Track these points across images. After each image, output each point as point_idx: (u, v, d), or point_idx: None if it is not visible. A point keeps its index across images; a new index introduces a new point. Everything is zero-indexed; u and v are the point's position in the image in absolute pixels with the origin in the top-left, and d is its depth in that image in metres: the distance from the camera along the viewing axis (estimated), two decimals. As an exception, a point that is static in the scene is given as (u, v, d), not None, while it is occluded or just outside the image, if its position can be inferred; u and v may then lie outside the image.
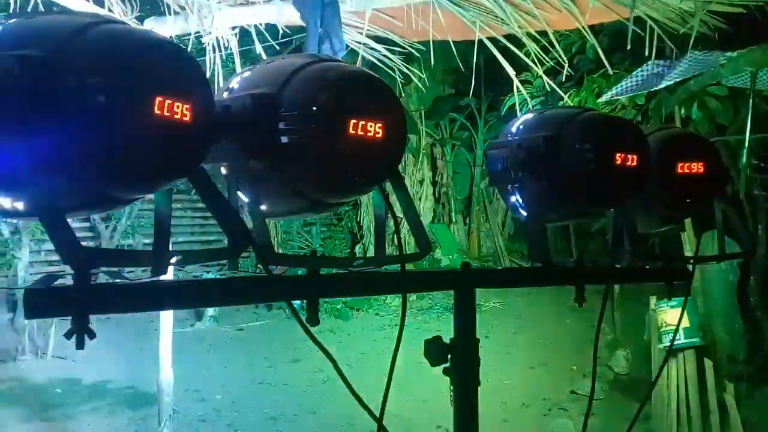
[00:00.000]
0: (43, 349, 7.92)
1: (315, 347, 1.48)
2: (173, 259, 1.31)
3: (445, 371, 1.74)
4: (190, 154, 1.24)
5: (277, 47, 4.40)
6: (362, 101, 1.44)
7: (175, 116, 1.17)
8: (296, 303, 1.57)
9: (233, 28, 4.04)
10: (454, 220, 13.60)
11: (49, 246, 10.11)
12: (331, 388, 7.10)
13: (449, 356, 1.73)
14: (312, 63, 1.47)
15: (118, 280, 1.32)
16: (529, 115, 1.96)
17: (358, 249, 12.71)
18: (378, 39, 4.30)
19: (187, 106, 1.18)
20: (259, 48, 4.06)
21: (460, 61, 4.31)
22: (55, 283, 1.24)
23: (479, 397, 1.72)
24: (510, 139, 1.88)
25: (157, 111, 1.14)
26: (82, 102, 1.07)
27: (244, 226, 1.35)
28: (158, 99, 1.14)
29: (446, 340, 1.71)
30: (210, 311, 9.68)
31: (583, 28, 3.65)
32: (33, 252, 9.76)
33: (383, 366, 1.56)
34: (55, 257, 10.42)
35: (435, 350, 1.73)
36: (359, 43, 3.84)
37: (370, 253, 2.31)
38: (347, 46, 3.32)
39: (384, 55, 4.16)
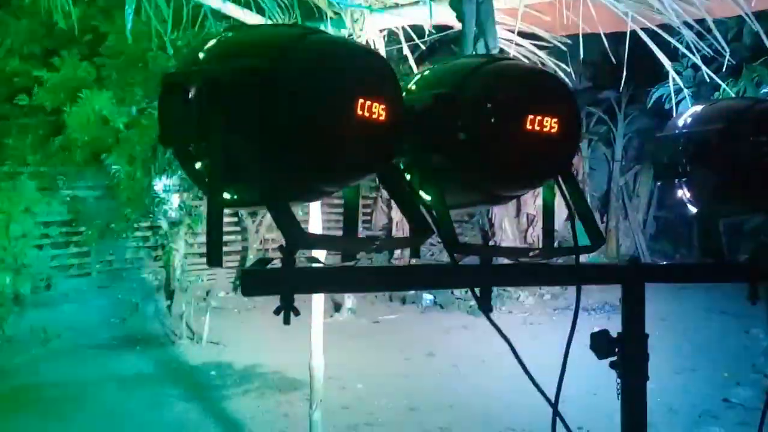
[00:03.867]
0: (199, 335, 8.56)
1: (448, 342, 1.54)
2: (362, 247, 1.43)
3: (612, 365, 1.75)
4: (385, 150, 1.35)
5: (422, 46, 4.50)
6: (538, 98, 1.49)
7: (373, 116, 1.28)
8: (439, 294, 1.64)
9: (381, 30, 4.20)
10: (590, 218, 13.17)
11: (201, 240, 10.90)
12: (467, 383, 7.17)
13: (616, 350, 1.73)
14: (489, 62, 1.54)
15: (316, 264, 1.45)
16: (699, 107, 1.91)
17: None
18: (522, 34, 4.30)
19: (383, 106, 1.29)
20: (406, 49, 4.19)
21: (599, 53, 4.22)
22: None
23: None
24: (678, 131, 1.85)
25: (359, 111, 1.26)
26: (299, 105, 1.21)
27: (427, 217, 1.45)
28: (360, 100, 1.26)
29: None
30: (348, 303, 10.04)
31: (747, 15, 3.46)
32: (188, 244, 10.57)
33: (515, 364, 1.59)
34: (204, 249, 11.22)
35: (601, 343, 1.73)
36: (508, 40, 3.87)
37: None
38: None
39: (531, 51, 4.16)
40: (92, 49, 8.79)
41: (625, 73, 3.96)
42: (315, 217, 4.44)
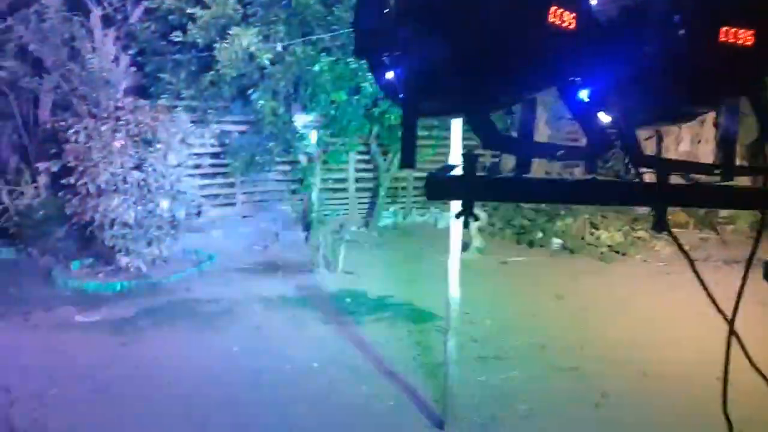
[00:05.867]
0: (334, 265, 8.98)
1: (578, 286, 1.56)
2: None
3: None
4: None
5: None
6: (732, 9, 1.44)
7: (563, 24, 1.30)
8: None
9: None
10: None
11: (335, 175, 11.27)
12: (597, 326, 7.09)
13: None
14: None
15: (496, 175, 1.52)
16: None
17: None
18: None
19: (573, 15, 1.31)
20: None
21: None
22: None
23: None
24: None
25: (551, 19, 1.28)
26: (490, 20, 1.25)
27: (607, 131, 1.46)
28: (553, 8, 1.28)
29: None
30: (476, 243, 10.10)
31: None
32: (323, 180, 10.98)
33: (647, 308, 1.57)
34: (339, 184, 11.60)
35: (776, 271, 1.69)
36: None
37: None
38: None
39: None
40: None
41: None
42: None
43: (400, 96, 1.41)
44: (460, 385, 4.97)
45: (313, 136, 10.27)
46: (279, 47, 8.81)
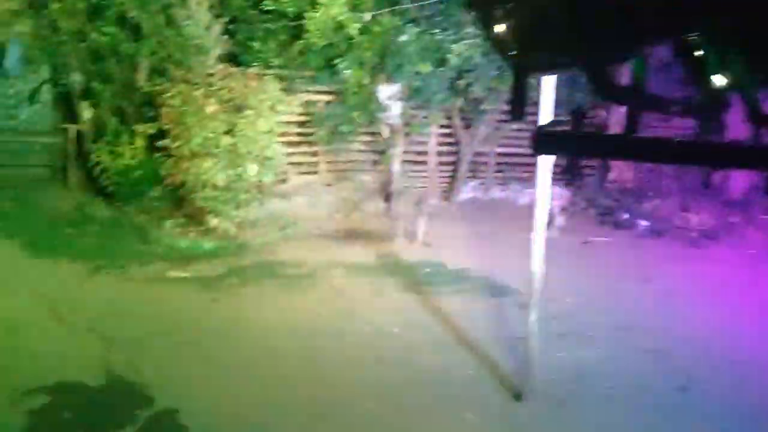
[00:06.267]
0: (414, 236, 9.04)
1: (665, 270, 1.51)
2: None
3: None
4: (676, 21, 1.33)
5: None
6: None
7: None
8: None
9: None
10: None
11: (416, 147, 11.28)
12: (685, 310, 6.88)
13: None
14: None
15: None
16: None
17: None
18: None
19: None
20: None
21: None
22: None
23: None
24: None
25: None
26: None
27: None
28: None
29: None
30: (559, 221, 9.93)
31: None
32: (404, 152, 11.00)
33: (729, 299, 1.51)
34: (419, 157, 11.61)
35: None
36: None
37: None
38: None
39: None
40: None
41: None
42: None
43: (511, 50, 1.41)
44: (539, 360, 4.96)
45: (396, 108, 10.29)
46: (367, 17, 8.84)
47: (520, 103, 1.36)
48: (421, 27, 9.33)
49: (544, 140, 1.44)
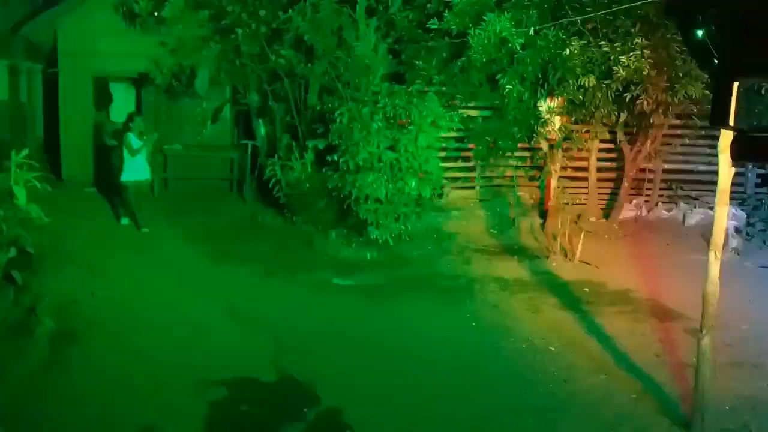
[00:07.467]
0: (571, 254, 8.84)
1: None
2: None
3: None
4: None
5: None
6: None
7: None
8: None
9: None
10: None
11: (575, 163, 10.97)
12: None
13: None
14: None
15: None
16: None
17: None
18: None
19: None
20: None
21: None
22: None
23: None
24: None
25: None
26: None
27: None
28: None
29: None
30: (733, 243, 9.25)
31: None
32: (563, 167, 10.74)
33: None
34: (579, 173, 11.29)
35: None
36: None
37: None
38: None
39: None
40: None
41: None
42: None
43: (713, 55, 1.41)
44: (710, 389, 4.69)
45: (557, 122, 10.14)
46: (531, 31, 8.81)
47: (724, 109, 1.38)
48: (585, 39, 9.14)
49: (746, 145, 1.43)
